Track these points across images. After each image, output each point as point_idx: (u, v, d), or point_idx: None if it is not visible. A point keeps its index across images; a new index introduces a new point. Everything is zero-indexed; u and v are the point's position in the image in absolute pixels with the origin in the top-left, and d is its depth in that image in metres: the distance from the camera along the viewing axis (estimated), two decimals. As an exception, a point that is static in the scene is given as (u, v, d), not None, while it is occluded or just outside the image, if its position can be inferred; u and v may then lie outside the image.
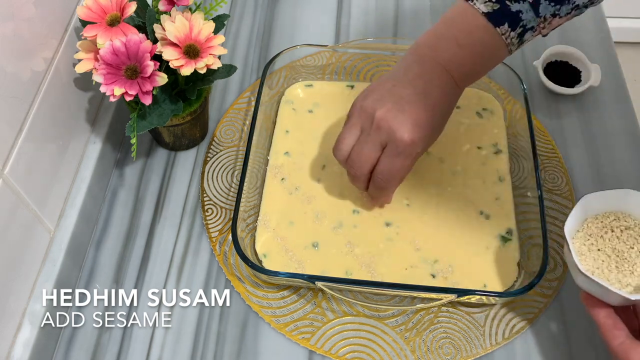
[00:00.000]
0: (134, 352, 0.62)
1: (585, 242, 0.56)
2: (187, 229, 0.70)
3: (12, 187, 0.56)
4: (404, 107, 0.58)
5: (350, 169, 0.62)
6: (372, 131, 0.59)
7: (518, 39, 0.58)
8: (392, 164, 0.60)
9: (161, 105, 0.65)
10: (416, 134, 0.58)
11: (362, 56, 0.81)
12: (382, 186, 0.62)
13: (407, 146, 0.58)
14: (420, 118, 0.58)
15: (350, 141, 0.61)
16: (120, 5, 0.62)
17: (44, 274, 0.62)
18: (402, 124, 0.58)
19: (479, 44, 0.59)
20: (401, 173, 0.61)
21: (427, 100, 0.59)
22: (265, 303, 0.64)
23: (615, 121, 0.77)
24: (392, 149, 0.59)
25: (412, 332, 0.62)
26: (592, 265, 0.54)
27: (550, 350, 0.62)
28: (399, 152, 0.59)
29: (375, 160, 0.60)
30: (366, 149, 0.60)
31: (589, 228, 0.56)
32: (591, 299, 0.52)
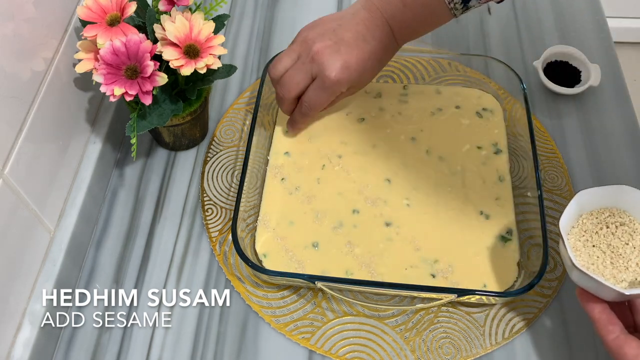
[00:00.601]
0: (134, 352, 0.62)
1: (580, 238, 0.56)
2: (187, 229, 0.70)
3: (12, 187, 0.56)
4: (340, 49, 0.63)
5: (280, 90, 0.67)
6: (307, 61, 0.65)
7: (462, 5, 0.62)
8: (317, 95, 0.66)
9: (161, 105, 0.65)
10: (343, 75, 0.63)
11: (362, 56, 0.81)
12: (305, 112, 0.68)
13: (332, 84, 0.64)
14: (351, 62, 0.63)
15: (286, 64, 0.66)
16: (120, 5, 0.62)
17: (44, 274, 0.62)
18: (333, 63, 0.63)
19: (421, 6, 0.64)
20: (322, 104, 0.67)
21: (364, 47, 0.64)
22: (265, 303, 0.64)
23: (615, 121, 0.77)
24: (319, 83, 0.65)
25: (412, 332, 0.62)
26: (587, 261, 0.54)
27: (550, 350, 0.62)
28: (324, 87, 0.64)
29: (303, 88, 0.66)
30: (298, 76, 0.65)
31: (584, 224, 0.56)
32: (586, 294, 0.53)
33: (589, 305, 0.52)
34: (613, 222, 0.56)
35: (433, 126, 0.75)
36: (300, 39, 0.67)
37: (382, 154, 0.73)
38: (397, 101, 0.77)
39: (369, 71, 0.66)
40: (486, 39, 0.86)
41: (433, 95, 0.78)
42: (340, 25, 0.65)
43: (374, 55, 0.65)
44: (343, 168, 0.72)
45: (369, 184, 0.70)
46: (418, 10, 0.64)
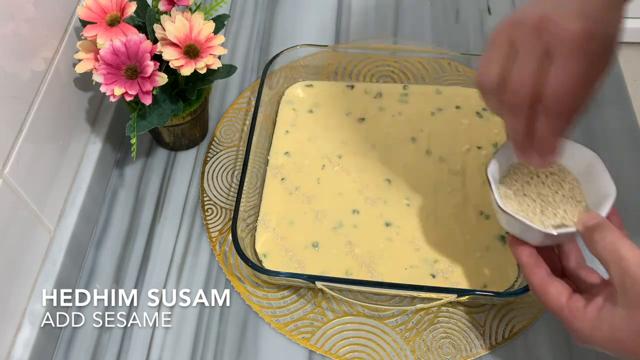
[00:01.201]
0: (134, 352, 0.62)
1: (511, 187, 0.56)
2: (187, 229, 0.70)
3: (12, 187, 0.56)
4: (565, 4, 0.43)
5: (510, 96, 0.46)
6: (529, 39, 0.44)
7: None
8: (566, 71, 0.43)
9: (161, 105, 0.65)
10: (590, 27, 0.42)
11: (362, 56, 0.81)
12: (557, 111, 0.45)
13: (583, 40, 0.42)
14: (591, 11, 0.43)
15: (500, 61, 0.46)
16: (120, 5, 0.62)
17: (44, 274, 0.62)
18: (568, 15, 0.42)
19: None
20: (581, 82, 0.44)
21: None
22: (265, 303, 0.64)
23: (615, 121, 0.77)
24: (562, 50, 0.43)
25: (412, 332, 0.62)
26: (517, 209, 0.55)
27: (550, 351, 0.62)
28: (572, 51, 0.42)
29: (539, 78, 0.44)
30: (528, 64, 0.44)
31: (515, 174, 0.57)
32: (515, 240, 0.54)
33: (517, 249, 0.53)
34: (543, 171, 0.56)
35: (433, 126, 0.75)
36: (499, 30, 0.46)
37: (382, 154, 0.73)
38: (397, 101, 0.77)
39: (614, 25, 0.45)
40: (486, 39, 0.86)
41: (433, 95, 0.78)
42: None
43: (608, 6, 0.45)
44: (343, 168, 0.72)
45: (369, 184, 0.70)
46: None
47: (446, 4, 0.90)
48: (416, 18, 0.89)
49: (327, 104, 0.77)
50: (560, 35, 0.42)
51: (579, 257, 0.54)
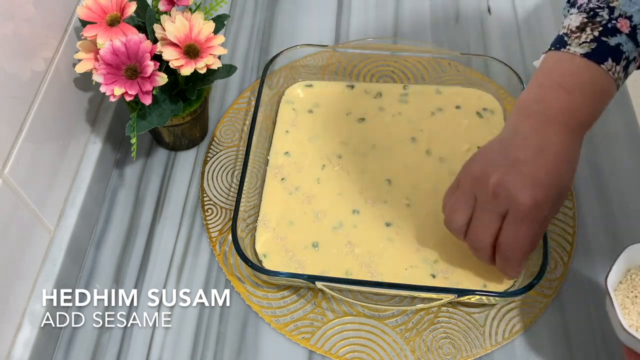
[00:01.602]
0: (134, 352, 0.62)
1: (629, 294, 0.53)
2: (187, 229, 0.70)
3: (12, 187, 0.56)
4: (521, 169, 0.53)
5: (472, 244, 0.58)
6: (489, 200, 0.54)
7: (624, 73, 0.54)
8: (516, 233, 0.54)
9: (161, 105, 0.65)
10: (538, 196, 0.52)
11: (362, 56, 0.81)
12: (508, 256, 0.56)
13: (530, 210, 0.53)
14: (539, 177, 0.53)
15: (465, 213, 0.57)
16: (120, 5, 0.62)
17: (44, 274, 0.62)
18: (521, 187, 0.52)
19: (588, 86, 0.53)
20: (528, 240, 0.55)
21: (545, 157, 0.53)
22: (265, 303, 0.64)
23: (615, 121, 0.77)
24: (514, 216, 0.54)
25: (412, 332, 0.62)
26: (636, 320, 0.52)
27: (550, 350, 0.62)
28: (522, 218, 0.53)
29: (496, 231, 0.55)
30: (485, 221, 0.55)
31: (632, 280, 0.54)
32: (635, 356, 0.51)
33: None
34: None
35: (433, 126, 0.75)
36: (468, 178, 0.57)
37: (382, 154, 0.73)
38: (397, 101, 0.77)
39: (563, 178, 0.54)
40: (486, 39, 0.86)
41: (433, 95, 0.78)
42: (506, 148, 0.55)
43: (561, 158, 0.54)
44: (343, 168, 0.72)
45: (369, 184, 0.70)
46: (583, 90, 0.54)
47: (446, 4, 0.90)
48: (416, 18, 0.89)
49: (327, 104, 0.77)
50: (513, 206, 0.53)
51: None
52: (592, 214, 0.70)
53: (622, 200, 0.71)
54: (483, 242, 0.56)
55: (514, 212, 0.54)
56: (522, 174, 0.53)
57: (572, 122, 0.54)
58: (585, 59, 0.53)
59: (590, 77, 0.53)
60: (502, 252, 0.56)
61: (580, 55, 0.53)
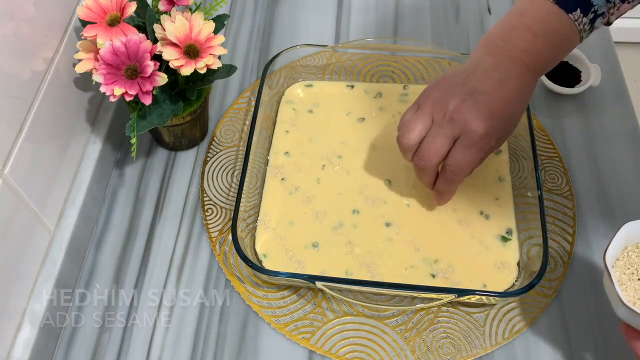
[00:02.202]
0: (134, 352, 0.62)
1: (626, 271, 0.54)
2: (187, 229, 0.70)
3: (12, 187, 0.56)
4: (478, 99, 0.57)
5: (419, 162, 0.60)
6: (445, 123, 0.58)
7: (589, 25, 0.58)
8: (464, 156, 0.58)
9: (161, 105, 0.65)
10: (490, 126, 0.57)
11: (362, 56, 0.81)
12: (451, 178, 0.60)
13: (481, 138, 0.57)
14: (495, 110, 0.57)
15: (419, 133, 0.59)
16: (120, 5, 0.62)
17: (44, 274, 0.62)
18: (476, 116, 0.56)
19: (552, 32, 0.58)
20: (472, 165, 0.60)
21: (503, 90, 0.57)
22: (265, 303, 0.64)
23: (615, 121, 0.77)
24: (465, 141, 0.57)
25: (412, 332, 0.62)
26: (633, 296, 0.52)
27: (550, 350, 0.62)
28: (471, 144, 0.57)
29: (445, 153, 0.59)
30: (437, 142, 0.58)
31: (629, 257, 0.54)
32: (632, 331, 0.51)
33: (633, 343, 0.51)
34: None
35: (433, 126, 0.75)
36: (428, 101, 0.59)
37: (382, 154, 0.73)
38: (397, 101, 0.77)
39: (515, 114, 0.59)
40: (486, 39, 0.86)
41: (433, 95, 0.78)
42: (468, 77, 0.58)
43: (516, 95, 0.58)
44: (343, 168, 0.72)
45: (369, 184, 0.70)
46: (548, 37, 0.58)
47: (446, 4, 0.90)
48: (416, 18, 0.89)
49: (327, 104, 0.77)
50: (466, 131, 0.57)
51: None
52: (592, 213, 0.70)
53: (622, 201, 0.71)
54: (431, 161, 0.59)
55: (465, 138, 0.57)
56: (479, 104, 0.57)
57: (532, 64, 0.59)
58: (556, 6, 0.57)
59: (556, 25, 0.57)
60: (447, 174, 0.60)
61: (552, 1, 0.57)
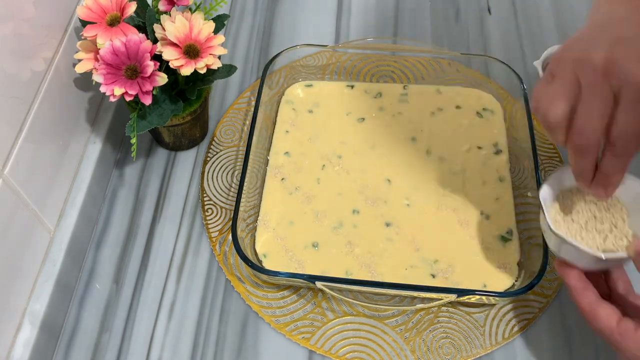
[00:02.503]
0: (134, 352, 0.62)
1: (560, 213, 0.56)
2: (187, 229, 0.70)
3: (12, 187, 0.56)
4: (630, 42, 0.45)
5: (579, 139, 0.47)
6: (599, 80, 0.45)
7: None
8: (635, 116, 0.45)
9: (161, 105, 0.65)
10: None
11: (362, 56, 0.81)
12: (622, 152, 0.47)
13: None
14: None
15: (567, 102, 0.47)
16: (120, 5, 0.62)
17: (44, 274, 0.62)
18: (632, 57, 0.44)
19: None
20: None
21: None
22: (265, 303, 0.64)
23: (616, 121, 0.77)
24: (630, 95, 0.44)
25: (412, 332, 0.62)
26: (565, 233, 0.55)
27: (550, 350, 0.62)
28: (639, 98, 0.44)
29: (607, 120, 0.46)
30: (597, 106, 0.45)
31: (563, 200, 0.57)
32: (564, 264, 0.54)
33: (566, 273, 0.53)
34: (591, 198, 0.56)
35: (433, 126, 0.75)
36: (566, 64, 0.47)
37: (382, 154, 0.73)
38: (397, 101, 0.77)
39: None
40: (486, 39, 0.86)
41: (433, 95, 0.78)
42: (605, 28, 0.47)
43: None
44: (343, 168, 0.72)
45: (369, 184, 0.70)
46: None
47: (446, 4, 0.90)
48: (416, 18, 0.89)
49: (327, 104, 0.77)
50: (630, 82, 0.44)
51: (626, 283, 0.54)
52: (592, 214, 0.70)
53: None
54: (595, 132, 0.46)
55: (630, 91, 0.44)
56: (635, 48, 0.45)
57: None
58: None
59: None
60: (616, 147, 0.46)
61: None
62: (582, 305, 0.52)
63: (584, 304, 0.52)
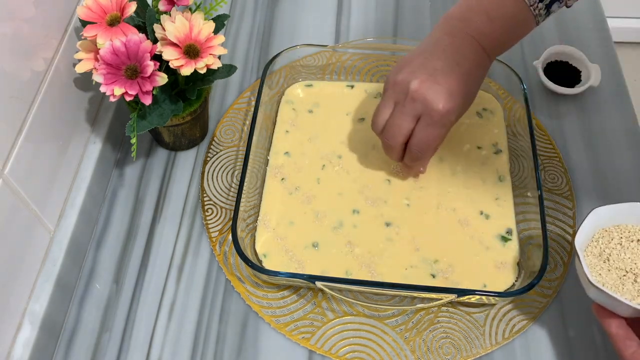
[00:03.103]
0: (134, 352, 0.62)
1: (596, 255, 0.56)
2: (187, 229, 0.70)
3: (12, 187, 0.56)
4: (438, 79, 0.60)
5: (386, 140, 0.64)
6: (407, 103, 0.61)
7: (545, 10, 0.61)
8: (427, 134, 0.62)
9: (161, 105, 0.65)
10: (450, 104, 0.60)
11: (362, 56, 0.81)
12: (417, 156, 0.64)
13: (442, 116, 0.60)
14: (453, 88, 0.60)
15: (386, 114, 0.63)
16: (120, 5, 0.62)
17: (44, 274, 0.62)
18: (436, 94, 0.60)
19: (509, 17, 0.61)
20: (436, 142, 0.63)
21: (460, 69, 0.61)
22: (265, 303, 0.64)
23: (615, 121, 0.77)
24: (427, 120, 0.61)
25: (412, 332, 0.62)
26: (603, 277, 0.54)
27: (550, 350, 0.62)
28: (434, 122, 0.61)
29: (409, 132, 0.62)
30: (400, 120, 0.62)
31: (599, 241, 0.56)
32: (603, 310, 0.53)
33: (606, 321, 0.53)
34: (628, 238, 0.56)
35: (433, 126, 0.75)
36: (390, 86, 0.63)
37: (382, 154, 0.73)
38: (397, 101, 0.77)
39: (471, 93, 0.63)
40: (486, 39, 0.86)
41: (433, 95, 0.78)
42: (427, 58, 0.62)
43: (472, 76, 0.62)
44: (343, 168, 0.72)
45: (369, 184, 0.70)
46: (504, 21, 0.62)
47: (446, 4, 0.90)
48: (416, 18, 0.89)
49: (327, 104, 0.77)
50: (427, 111, 0.60)
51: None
52: (592, 214, 0.70)
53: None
54: (396, 139, 0.63)
55: (427, 117, 0.61)
56: (439, 84, 0.60)
57: (488, 45, 0.63)
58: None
59: (512, 9, 0.61)
60: (412, 151, 0.64)
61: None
62: (625, 354, 0.51)
63: (626, 355, 0.51)
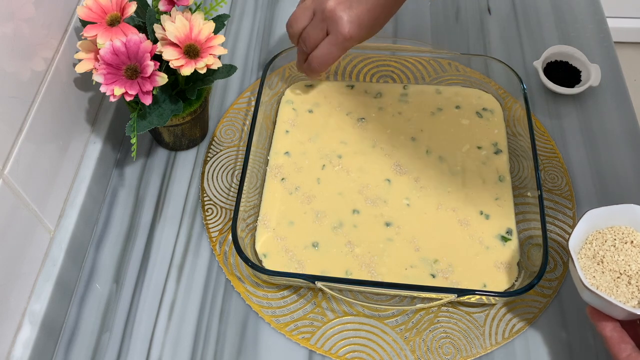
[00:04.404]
0: (134, 352, 0.62)
1: (590, 257, 0.56)
2: (187, 229, 0.70)
3: (12, 187, 0.56)
4: (352, 4, 0.65)
5: (302, 46, 0.70)
6: (321, 19, 0.67)
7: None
8: (329, 51, 0.68)
9: (161, 105, 0.65)
10: (355, 32, 0.65)
11: (362, 56, 0.81)
12: (315, 69, 0.70)
13: (345, 40, 0.66)
14: (363, 17, 0.65)
15: (303, 21, 0.69)
16: (120, 5, 0.62)
17: (44, 274, 0.62)
18: (346, 20, 0.65)
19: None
20: (333, 60, 0.69)
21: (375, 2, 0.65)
22: (265, 303, 0.64)
23: (615, 121, 0.77)
24: (332, 39, 0.67)
25: (412, 332, 0.62)
26: (597, 280, 0.54)
27: (550, 350, 0.62)
28: (337, 43, 0.67)
29: (318, 43, 0.68)
30: (315, 32, 0.68)
31: (592, 243, 0.56)
32: (597, 313, 0.53)
33: (600, 324, 0.53)
34: (622, 240, 0.56)
35: (433, 126, 0.75)
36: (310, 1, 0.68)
37: (382, 154, 0.73)
38: (397, 101, 0.77)
39: (379, 24, 0.67)
40: (486, 39, 0.86)
41: (433, 95, 0.78)
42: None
43: (385, 7, 0.66)
44: (343, 168, 0.72)
45: (369, 184, 0.70)
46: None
47: (446, 4, 0.90)
48: (416, 18, 0.89)
49: (327, 104, 0.77)
50: (335, 31, 0.66)
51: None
52: (592, 214, 0.70)
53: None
54: (307, 48, 0.69)
55: (333, 36, 0.66)
56: (352, 9, 0.65)
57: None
58: None
59: None
60: (312, 64, 0.69)
61: None
62: (620, 358, 0.51)
63: (621, 357, 0.51)
